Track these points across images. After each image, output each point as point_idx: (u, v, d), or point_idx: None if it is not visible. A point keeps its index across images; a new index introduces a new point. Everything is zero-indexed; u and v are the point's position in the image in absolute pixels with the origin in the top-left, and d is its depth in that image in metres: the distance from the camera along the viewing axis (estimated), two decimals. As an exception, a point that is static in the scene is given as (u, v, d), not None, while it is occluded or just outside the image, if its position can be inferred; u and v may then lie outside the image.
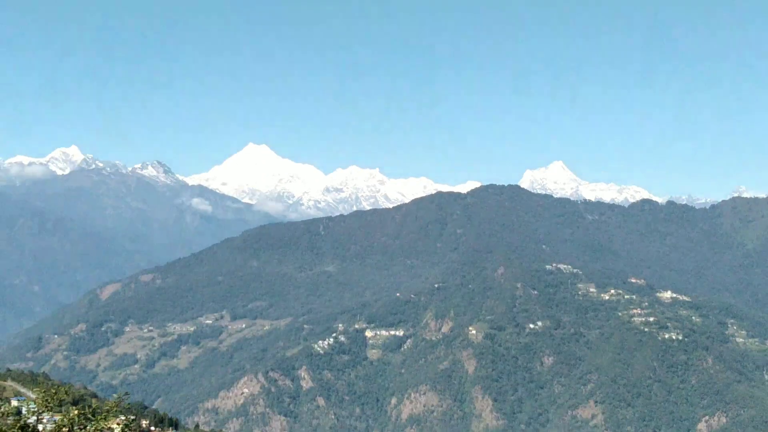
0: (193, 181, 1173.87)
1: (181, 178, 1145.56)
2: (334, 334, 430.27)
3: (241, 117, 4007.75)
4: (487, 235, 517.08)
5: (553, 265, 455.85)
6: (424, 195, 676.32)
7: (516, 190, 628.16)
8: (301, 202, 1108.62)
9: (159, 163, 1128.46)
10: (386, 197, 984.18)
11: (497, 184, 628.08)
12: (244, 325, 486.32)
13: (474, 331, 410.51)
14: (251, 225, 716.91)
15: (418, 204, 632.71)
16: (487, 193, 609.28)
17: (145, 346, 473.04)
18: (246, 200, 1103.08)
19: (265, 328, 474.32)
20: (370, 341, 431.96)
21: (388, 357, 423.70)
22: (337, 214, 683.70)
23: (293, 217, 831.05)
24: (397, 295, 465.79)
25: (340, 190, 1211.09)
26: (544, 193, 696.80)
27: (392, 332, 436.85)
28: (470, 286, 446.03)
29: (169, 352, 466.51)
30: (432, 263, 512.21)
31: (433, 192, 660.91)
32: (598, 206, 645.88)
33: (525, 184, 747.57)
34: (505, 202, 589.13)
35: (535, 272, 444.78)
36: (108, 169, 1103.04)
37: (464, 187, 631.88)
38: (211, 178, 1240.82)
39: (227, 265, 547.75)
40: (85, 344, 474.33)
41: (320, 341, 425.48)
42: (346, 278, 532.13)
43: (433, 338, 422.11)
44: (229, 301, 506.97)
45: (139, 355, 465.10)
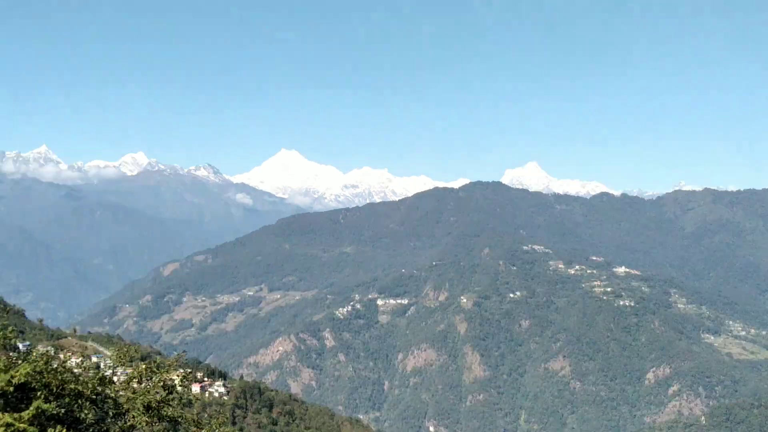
0: (237, 180, 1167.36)
1: (227, 177, 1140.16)
2: (352, 303, 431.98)
3: (275, 127, 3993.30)
4: (475, 222, 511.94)
5: (529, 246, 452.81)
6: (423, 190, 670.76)
7: (498, 186, 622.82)
8: (324, 197, 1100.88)
9: (209, 165, 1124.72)
10: (393, 192, 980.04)
11: (483, 181, 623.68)
12: (278, 296, 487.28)
13: (465, 300, 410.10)
14: (284, 215, 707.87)
15: (419, 197, 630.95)
16: (475, 188, 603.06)
17: (199, 313, 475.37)
18: (280, 195, 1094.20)
19: (296, 298, 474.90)
20: (381, 308, 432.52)
21: (395, 321, 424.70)
22: (354, 206, 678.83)
23: (318, 208, 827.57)
24: (402, 271, 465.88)
25: (356, 187, 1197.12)
26: (522, 188, 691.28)
27: (399, 301, 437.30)
28: (461, 264, 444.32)
29: (219, 318, 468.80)
30: (430, 245, 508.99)
31: (431, 187, 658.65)
32: (565, 198, 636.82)
33: (506, 180, 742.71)
34: (490, 196, 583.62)
35: (514, 252, 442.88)
36: (168, 171, 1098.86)
37: (456, 183, 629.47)
38: (252, 177, 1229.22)
39: (265, 248, 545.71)
40: (151, 312, 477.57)
41: (340, 308, 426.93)
42: (361, 258, 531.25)
43: (432, 305, 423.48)
44: (267, 277, 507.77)
45: (194, 320, 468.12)
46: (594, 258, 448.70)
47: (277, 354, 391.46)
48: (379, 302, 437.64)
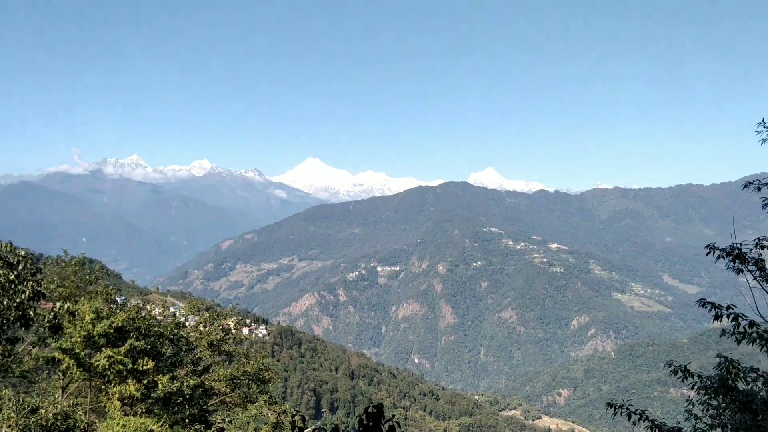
0: (276, 179, 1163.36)
1: (268, 178, 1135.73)
2: (358, 269, 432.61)
3: (304, 140, 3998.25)
4: (448, 211, 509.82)
5: (487, 229, 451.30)
6: (411, 187, 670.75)
7: (465, 185, 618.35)
8: (339, 192, 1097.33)
9: (255, 169, 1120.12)
10: (389, 189, 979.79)
11: (455, 181, 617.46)
12: (305, 264, 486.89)
13: (440, 267, 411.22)
14: (309, 206, 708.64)
15: (408, 193, 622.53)
16: (448, 186, 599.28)
17: (247, 276, 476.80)
18: (306, 191, 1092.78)
19: (318, 266, 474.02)
20: (380, 273, 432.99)
21: (390, 282, 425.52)
22: (360, 200, 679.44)
23: (334, 201, 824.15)
24: (395, 246, 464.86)
25: (362, 185, 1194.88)
26: (482, 186, 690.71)
27: (392, 268, 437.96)
28: (438, 241, 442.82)
29: (262, 280, 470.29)
30: (415, 228, 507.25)
31: (416, 186, 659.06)
32: (513, 194, 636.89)
33: (471, 180, 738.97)
34: (459, 192, 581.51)
35: (476, 233, 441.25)
36: (225, 173, 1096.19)
37: (435, 183, 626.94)
38: (286, 177, 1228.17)
39: (295, 229, 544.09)
40: (212, 275, 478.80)
41: (350, 273, 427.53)
42: (365, 236, 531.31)
43: (416, 271, 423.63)
44: (297, 250, 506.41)
45: (244, 282, 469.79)
46: (534, 237, 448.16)
47: (304, 306, 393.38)
48: (378, 269, 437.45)
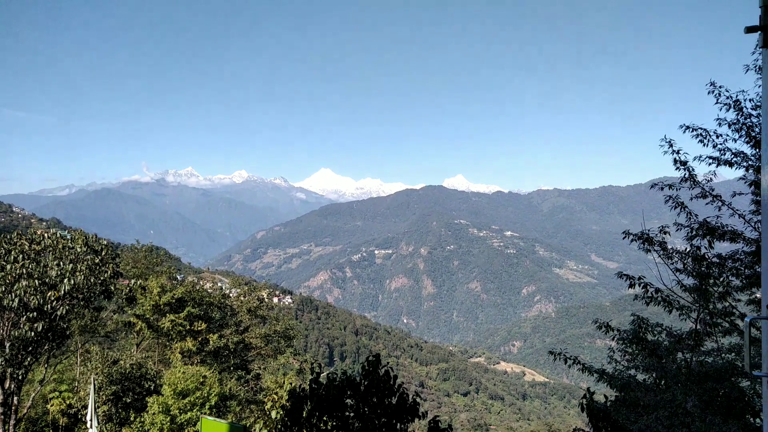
0: (297, 185, 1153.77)
1: (292, 183, 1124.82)
2: (360, 252, 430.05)
3: (318, 153, 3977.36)
4: (428, 208, 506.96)
5: (458, 221, 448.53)
6: (400, 190, 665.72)
7: (441, 188, 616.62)
8: (345, 195, 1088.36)
9: (282, 177, 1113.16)
10: (384, 191, 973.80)
11: (433, 185, 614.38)
12: (320, 249, 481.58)
13: (423, 250, 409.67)
14: (323, 204, 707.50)
15: (398, 194, 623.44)
16: (428, 189, 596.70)
17: (276, 258, 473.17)
18: (320, 193, 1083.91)
19: (330, 250, 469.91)
20: (377, 255, 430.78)
21: (384, 262, 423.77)
22: (361, 200, 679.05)
23: (341, 201, 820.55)
24: (388, 234, 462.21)
25: (362, 188, 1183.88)
26: (453, 188, 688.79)
27: (386, 251, 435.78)
28: (420, 231, 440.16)
29: (287, 261, 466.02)
30: (403, 221, 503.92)
31: (404, 188, 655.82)
32: (477, 194, 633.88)
33: (445, 184, 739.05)
34: (436, 193, 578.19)
35: (449, 224, 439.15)
36: (259, 180, 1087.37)
37: (418, 186, 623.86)
38: (305, 183, 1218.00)
39: (312, 222, 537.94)
40: (250, 258, 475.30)
41: (355, 255, 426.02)
42: (365, 227, 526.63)
43: (404, 253, 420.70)
44: (313, 238, 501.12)
45: (274, 263, 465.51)
46: (493, 227, 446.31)
47: (319, 281, 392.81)
48: (376, 252, 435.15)
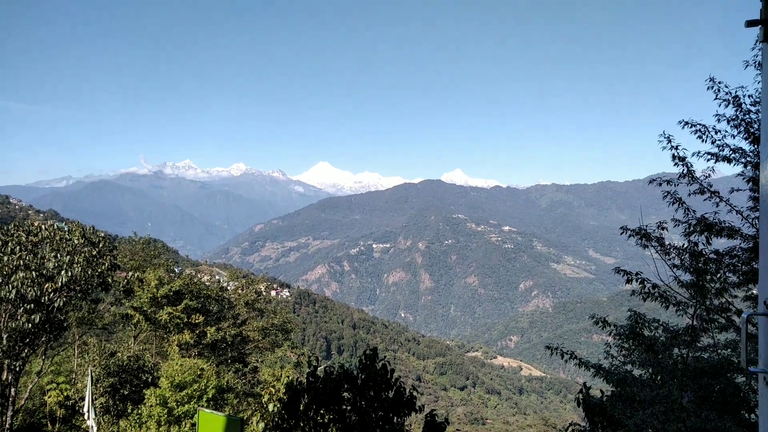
0: (296, 178, 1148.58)
1: (290, 177, 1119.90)
2: (359, 246, 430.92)
3: (316, 146, 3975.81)
4: (426, 202, 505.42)
5: (456, 215, 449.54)
6: (398, 184, 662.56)
7: (439, 182, 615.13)
8: (343, 188, 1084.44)
9: (280, 170, 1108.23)
10: (381, 185, 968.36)
11: (431, 179, 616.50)
12: (318, 243, 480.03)
13: (420, 245, 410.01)
14: (321, 198, 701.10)
15: (396, 188, 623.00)
16: (426, 183, 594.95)
17: (274, 252, 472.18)
18: (319, 187, 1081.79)
19: (327, 244, 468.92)
20: (375, 249, 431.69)
21: (383, 256, 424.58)
22: (359, 194, 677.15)
23: (339, 195, 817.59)
24: (386, 228, 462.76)
25: (361, 182, 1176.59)
26: (452, 183, 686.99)
27: (384, 245, 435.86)
28: (418, 225, 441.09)
29: (285, 255, 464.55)
30: (401, 215, 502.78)
31: (402, 182, 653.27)
32: (476, 189, 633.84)
33: (443, 179, 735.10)
34: (434, 187, 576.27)
35: (447, 218, 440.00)
36: (257, 173, 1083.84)
37: (416, 180, 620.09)
38: (303, 177, 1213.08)
39: (310, 216, 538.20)
40: (248, 251, 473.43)
41: (353, 249, 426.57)
42: (364, 221, 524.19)
43: (402, 247, 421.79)
44: (311, 232, 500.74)
45: (272, 256, 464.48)
46: (491, 221, 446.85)
47: (317, 274, 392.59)
48: (374, 246, 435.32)
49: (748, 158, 9.84)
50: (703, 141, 10.02)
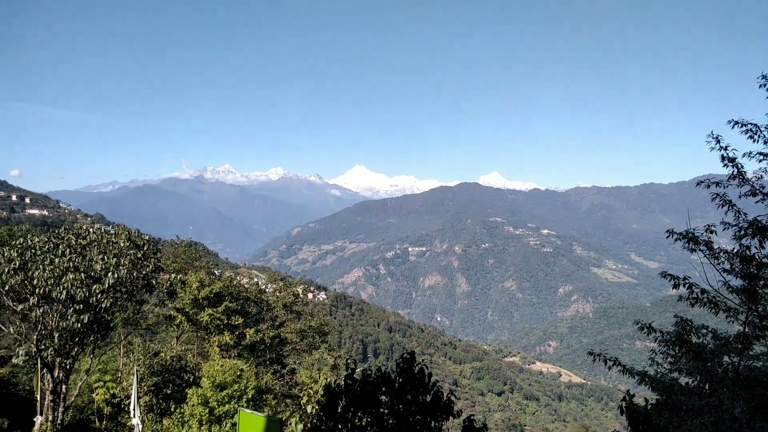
0: (332, 182, 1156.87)
1: (326, 180, 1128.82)
2: (394, 249, 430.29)
3: (353, 150, 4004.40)
4: (463, 205, 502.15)
5: (493, 219, 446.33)
6: (434, 187, 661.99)
7: (476, 185, 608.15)
8: (379, 192, 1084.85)
9: (317, 174, 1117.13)
10: (417, 188, 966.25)
11: (468, 182, 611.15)
12: (354, 246, 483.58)
13: (457, 248, 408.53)
14: (357, 201, 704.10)
15: (432, 191, 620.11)
16: (463, 186, 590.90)
17: (311, 255, 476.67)
18: (355, 190, 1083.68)
19: (363, 247, 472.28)
20: (410, 252, 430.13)
21: (418, 259, 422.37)
22: (395, 197, 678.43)
23: (375, 198, 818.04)
24: (422, 232, 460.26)
25: (396, 186, 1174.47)
26: (489, 185, 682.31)
27: (420, 248, 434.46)
28: (455, 228, 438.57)
29: (322, 258, 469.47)
30: (437, 218, 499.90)
31: (438, 186, 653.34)
32: (513, 192, 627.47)
33: (480, 181, 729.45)
34: (471, 190, 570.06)
35: (484, 221, 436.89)
36: (294, 177, 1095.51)
37: (452, 183, 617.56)
38: (340, 180, 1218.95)
39: (347, 219, 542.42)
40: (285, 254, 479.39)
41: (389, 252, 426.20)
42: (399, 225, 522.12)
43: (439, 251, 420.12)
44: (348, 235, 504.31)
45: (309, 259, 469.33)
46: (530, 225, 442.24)
47: (353, 277, 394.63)
48: (410, 249, 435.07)
49: (804, 158, 9.46)
50: (754, 141, 9.70)
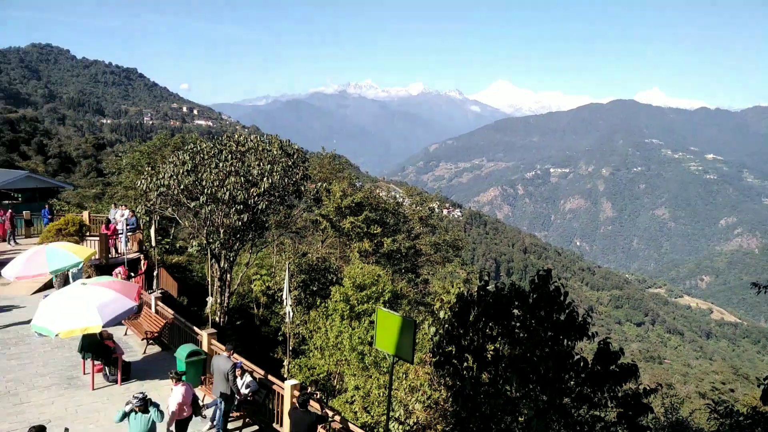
0: (472, 98, 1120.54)
1: (467, 96, 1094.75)
2: (535, 170, 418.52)
3: (496, 64, 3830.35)
4: (614, 125, 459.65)
5: (649, 140, 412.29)
6: (582, 104, 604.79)
7: (632, 102, 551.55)
8: (521, 109, 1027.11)
9: (456, 89, 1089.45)
10: (564, 105, 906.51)
11: (623, 99, 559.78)
12: (492, 164, 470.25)
13: (604, 171, 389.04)
14: (498, 119, 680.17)
15: (580, 109, 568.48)
16: (616, 103, 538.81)
17: (448, 172, 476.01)
18: (495, 107, 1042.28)
19: (502, 166, 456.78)
20: (552, 173, 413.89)
21: (560, 181, 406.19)
22: (539, 115, 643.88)
23: (517, 115, 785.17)
24: (566, 152, 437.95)
25: (540, 102, 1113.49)
26: (648, 104, 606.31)
27: (563, 170, 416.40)
28: (603, 149, 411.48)
29: (458, 175, 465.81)
30: (585, 138, 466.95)
31: (588, 103, 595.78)
32: (676, 111, 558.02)
33: (638, 99, 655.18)
34: (626, 108, 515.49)
35: (638, 142, 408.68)
36: (433, 92, 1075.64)
37: (605, 101, 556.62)
38: (480, 96, 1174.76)
39: (485, 137, 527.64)
40: (422, 170, 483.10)
41: (528, 173, 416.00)
42: (542, 143, 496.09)
43: (583, 173, 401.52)
44: (486, 153, 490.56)
45: (445, 176, 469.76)
46: (692, 148, 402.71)
47: (489, 197, 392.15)
48: (551, 170, 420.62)
49: None
50: None
